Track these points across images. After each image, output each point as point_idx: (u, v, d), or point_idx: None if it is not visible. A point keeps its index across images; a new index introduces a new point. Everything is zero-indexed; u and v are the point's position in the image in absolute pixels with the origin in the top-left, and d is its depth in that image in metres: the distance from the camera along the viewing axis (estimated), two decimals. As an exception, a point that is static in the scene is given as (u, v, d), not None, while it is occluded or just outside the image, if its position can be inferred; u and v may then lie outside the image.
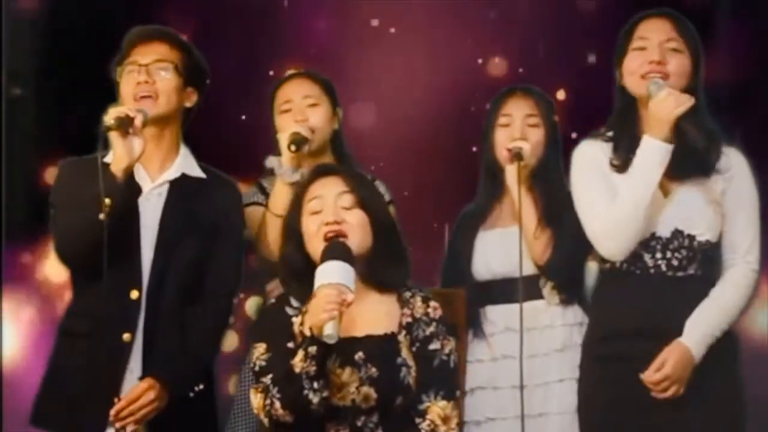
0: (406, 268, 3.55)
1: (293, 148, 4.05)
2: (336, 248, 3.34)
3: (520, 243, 3.95)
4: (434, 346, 3.44)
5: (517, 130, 4.14)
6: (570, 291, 4.10)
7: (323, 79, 4.30)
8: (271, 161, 4.14)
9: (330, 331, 3.20)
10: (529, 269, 4.08)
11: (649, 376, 3.63)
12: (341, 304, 3.21)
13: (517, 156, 4.03)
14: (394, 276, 3.50)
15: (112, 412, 3.59)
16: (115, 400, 3.60)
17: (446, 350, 3.45)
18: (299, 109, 4.21)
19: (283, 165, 4.09)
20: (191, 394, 3.71)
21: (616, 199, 3.68)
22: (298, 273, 3.43)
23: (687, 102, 3.60)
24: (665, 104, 3.60)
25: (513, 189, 4.04)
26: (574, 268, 4.03)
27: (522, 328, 3.87)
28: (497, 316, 4.12)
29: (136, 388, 3.61)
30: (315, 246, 3.40)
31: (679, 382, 3.63)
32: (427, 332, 3.45)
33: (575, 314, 4.08)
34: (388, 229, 3.51)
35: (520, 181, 4.00)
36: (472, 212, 4.27)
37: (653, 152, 3.63)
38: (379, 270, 3.47)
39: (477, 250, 4.18)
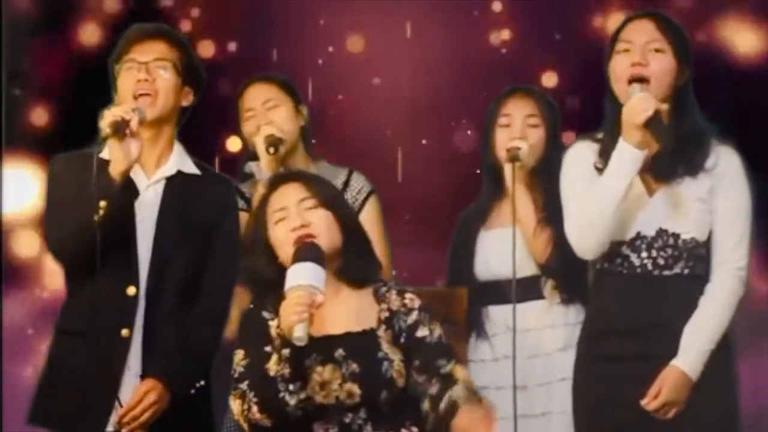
0: (376, 262, 3.54)
1: (272, 150, 4.07)
2: (305, 249, 3.32)
3: (514, 243, 3.96)
4: (422, 332, 3.42)
5: (517, 131, 4.16)
6: (571, 290, 4.10)
7: (280, 80, 4.31)
8: (250, 167, 4.18)
9: (299, 333, 3.18)
10: (530, 270, 4.08)
11: (647, 404, 3.63)
12: (311, 305, 3.20)
13: (514, 157, 4.04)
14: (365, 270, 3.49)
15: (116, 419, 3.58)
16: (117, 405, 3.59)
17: (436, 333, 3.43)
18: (261, 115, 4.22)
19: (262, 170, 4.10)
20: (192, 391, 3.69)
21: (588, 200, 3.69)
22: (271, 283, 3.40)
23: (653, 106, 3.60)
24: (633, 108, 3.61)
25: (511, 188, 4.06)
26: (575, 267, 3.98)
27: (515, 328, 3.88)
28: (498, 316, 4.12)
29: (137, 392, 3.60)
30: (286, 253, 3.38)
31: (678, 404, 3.63)
32: (409, 321, 3.43)
33: (577, 314, 4.09)
34: (353, 225, 3.51)
35: (515, 182, 4.01)
36: (474, 212, 4.29)
37: (623, 157, 3.63)
38: (350, 266, 3.46)
39: (478, 251, 4.19)
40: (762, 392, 4.82)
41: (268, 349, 3.31)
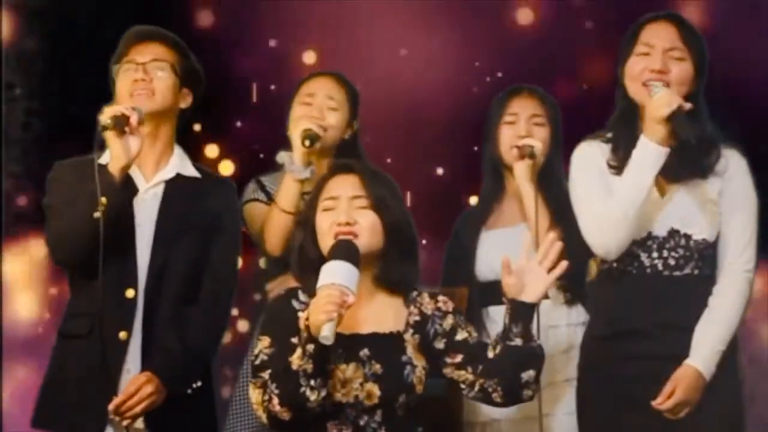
0: (416, 270, 3.55)
1: (307, 143, 4.06)
2: (343, 248, 3.33)
3: (537, 239, 3.92)
4: (461, 335, 3.47)
5: (523, 128, 4.15)
6: (574, 291, 4.10)
7: (351, 87, 4.32)
8: (282, 157, 4.16)
9: (326, 333, 3.18)
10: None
11: (661, 403, 3.63)
12: (341, 305, 3.20)
13: (529, 155, 4.04)
14: (404, 278, 3.50)
15: (111, 406, 3.60)
16: (113, 397, 3.61)
17: (474, 335, 3.48)
18: (318, 107, 4.21)
19: (294, 161, 4.10)
20: (189, 391, 3.71)
21: (610, 199, 3.69)
22: (312, 266, 3.41)
23: (676, 102, 3.60)
24: (656, 104, 3.62)
25: (524, 186, 4.05)
26: (579, 268, 4.01)
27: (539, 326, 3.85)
28: (501, 316, 4.08)
29: (134, 382, 3.62)
30: (326, 243, 3.41)
31: (690, 404, 3.64)
32: (446, 326, 3.47)
33: (579, 314, 4.09)
34: (401, 230, 3.50)
35: (534, 179, 4.01)
36: (475, 212, 4.29)
37: (646, 154, 3.64)
38: (389, 271, 3.47)
39: (480, 251, 4.18)
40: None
41: (294, 340, 3.30)
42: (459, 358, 3.44)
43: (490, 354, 3.42)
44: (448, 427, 3.84)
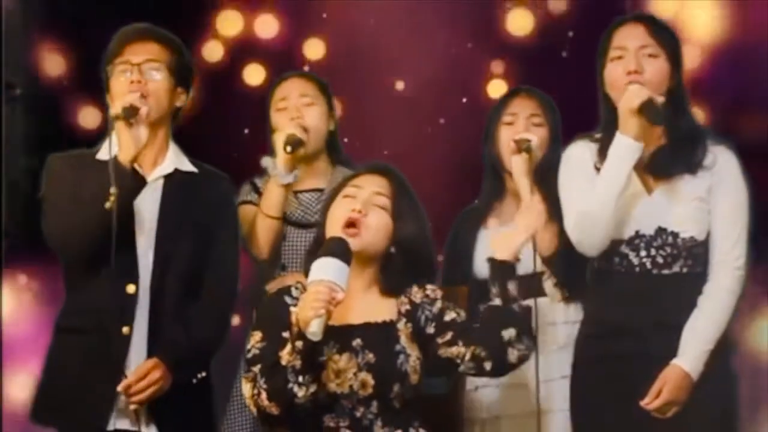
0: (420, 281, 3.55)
1: (289, 149, 4.09)
2: (335, 245, 3.34)
3: (534, 240, 3.93)
4: (450, 316, 3.48)
5: (522, 128, 4.17)
6: (572, 288, 4.10)
7: (320, 81, 4.36)
8: (265, 161, 4.19)
9: (314, 329, 3.19)
10: (531, 267, 4.06)
11: (648, 403, 3.64)
12: (329, 302, 3.21)
13: (526, 149, 4.04)
14: (402, 285, 3.51)
15: (120, 387, 3.61)
16: (122, 377, 3.63)
17: (462, 314, 3.49)
18: (295, 107, 4.25)
19: (277, 166, 4.12)
20: (194, 381, 3.75)
21: (588, 196, 3.70)
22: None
23: (646, 93, 3.62)
24: (627, 96, 3.65)
25: (521, 180, 4.05)
26: (577, 265, 3.98)
27: (537, 324, 3.86)
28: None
29: (143, 367, 3.64)
30: (333, 231, 3.43)
31: (678, 404, 3.64)
32: (435, 310, 3.48)
33: (576, 311, 4.08)
34: (412, 245, 3.50)
35: (531, 174, 4.02)
36: (474, 211, 4.29)
37: (620, 149, 3.66)
38: (390, 279, 3.49)
39: (479, 249, 4.18)
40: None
41: (285, 335, 3.31)
42: (449, 336, 3.45)
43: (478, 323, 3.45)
44: (449, 425, 3.83)
